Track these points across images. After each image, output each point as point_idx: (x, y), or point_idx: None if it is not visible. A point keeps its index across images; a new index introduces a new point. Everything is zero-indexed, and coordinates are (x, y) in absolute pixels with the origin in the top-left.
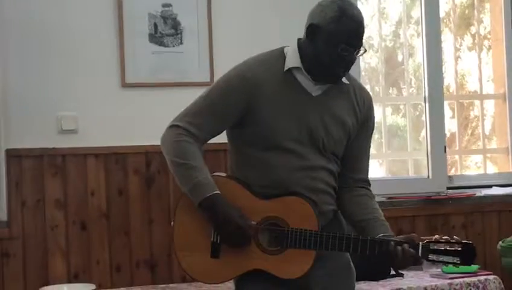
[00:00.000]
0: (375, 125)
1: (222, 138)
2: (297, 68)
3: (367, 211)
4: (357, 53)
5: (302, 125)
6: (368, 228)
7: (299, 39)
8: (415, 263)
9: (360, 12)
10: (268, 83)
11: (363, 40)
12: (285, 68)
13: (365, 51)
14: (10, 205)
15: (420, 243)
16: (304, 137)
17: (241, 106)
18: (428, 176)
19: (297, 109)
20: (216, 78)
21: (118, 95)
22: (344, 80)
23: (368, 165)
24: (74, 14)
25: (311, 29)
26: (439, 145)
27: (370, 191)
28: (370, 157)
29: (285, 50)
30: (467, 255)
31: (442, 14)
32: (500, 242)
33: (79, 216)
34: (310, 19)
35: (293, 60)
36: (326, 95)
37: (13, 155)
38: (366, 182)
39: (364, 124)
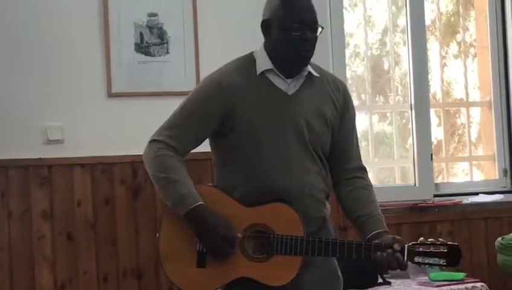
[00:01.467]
0: (362, 133)
1: (206, 147)
2: (269, 70)
3: (362, 205)
4: (315, 32)
5: (285, 126)
6: (363, 225)
7: (264, 42)
8: (401, 266)
9: None
10: (244, 89)
11: (316, 18)
12: (258, 72)
13: (322, 28)
14: None
15: (406, 245)
16: (289, 137)
17: (218, 114)
18: (415, 184)
19: (276, 110)
20: None
21: (104, 105)
22: (315, 73)
23: (358, 151)
24: (59, 24)
25: (264, 26)
26: (426, 152)
27: (366, 178)
28: None
29: (255, 54)
30: (452, 257)
31: (427, 22)
32: (499, 239)
33: (65, 227)
34: (262, 18)
35: (263, 62)
36: (301, 91)
37: None
38: (361, 169)
39: (345, 112)
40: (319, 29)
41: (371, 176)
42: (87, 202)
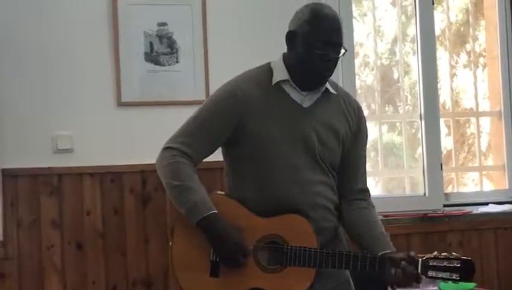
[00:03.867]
0: (371, 143)
1: (217, 156)
2: (285, 81)
3: (367, 225)
4: (337, 53)
5: (296, 138)
6: (369, 244)
7: (284, 53)
8: (416, 280)
9: (333, 12)
10: (258, 99)
11: (342, 40)
12: (274, 82)
13: (346, 50)
14: (5, 225)
15: (420, 259)
16: (299, 149)
17: (232, 123)
18: (425, 194)
19: (290, 122)
20: None
21: (113, 114)
22: (332, 90)
23: (365, 174)
24: (69, 33)
25: (289, 37)
26: (436, 162)
27: (369, 201)
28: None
29: (272, 64)
30: (466, 271)
31: (437, 31)
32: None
33: (75, 236)
34: (289, 28)
35: (280, 73)
36: (316, 105)
37: (8, 175)
38: (366, 192)
39: (358, 133)
40: (343, 51)
41: (380, 186)
42: (96, 211)
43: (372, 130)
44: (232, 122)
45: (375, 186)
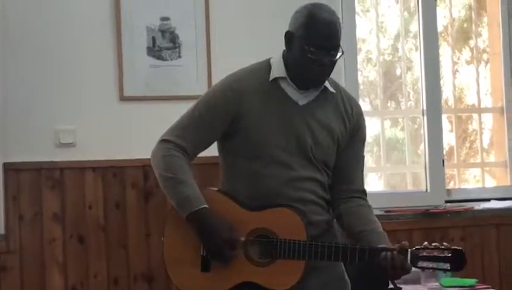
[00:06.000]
0: (374, 138)
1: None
2: (282, 78)
3: (364, 222)
4: (333, 57)
5: (290, 134)
6: (366, 239)
7: (284, 50)
8: (402, 268)
9: (331, 15)
10: (255, 94)
11: (339, 42)
12: (271, 78)
13: (342, 53)
14: (8, 219)
15: (409, 249)
16: (292, 146)
17: (227, 117)
18: (427, 190)
19: (284, 118)
20: None
21: (116, 109)
22: (331, 88)
23: (362, 175)
24: (72, 28)
25: (287, 37)
26: (438, 158)
27: (366, 201)
28: (369, 171)
29: (271, 61)
30: (456, 261)
31: (440, 28)
32: None
33: (76, 229)
34: (289, 27)
35: (278, 69)
36: (312, 103)
37: (11, 169)
38: (362, 193)
39: (355, 133)
40: (339, 54)
41: (382, 181)
42: (98, 205)
43: (375, 125)
44: (227, 117)
45: (377, 182)
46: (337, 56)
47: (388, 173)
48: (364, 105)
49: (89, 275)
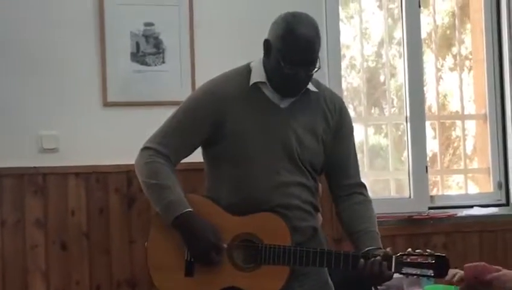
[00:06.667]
0: (357, 145)
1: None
2: (262, 82)
3: (359, 221)
4: (310, 70)
5: (274, 138)
6: (358, 240)
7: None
8: (384, 275)
9: (310, 29)
10: (235, 98)
11: (316, 56)
12: (251, 83)
13: (319, 68)
14: None
15: (393, 256)
16: (277, 150)
17: (209, 122)
18: (410, 196)
19: (267, 122)
20: None
21: (99, 114)
22: (313, 88)
23: (357, 168)
24: (56, 32)
25: (265, 45)
26: (421, 165)
27: (365, 195)
28: None
29: (251, 65)
30: (440, 268)
31: (423, 34)
32: None
33: (59, 236)
34: (268, 34)
35: (258, 74)
36: (294, 105)
37: None
38: (361, 186)
39: (340, 130)
40: (315, 69)
41: None
42: (81, 211)
43: (358, 132)
44: (209, 123)
45: None
46: (315, 70)
47: (371, 180)
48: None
49: (71, 282)
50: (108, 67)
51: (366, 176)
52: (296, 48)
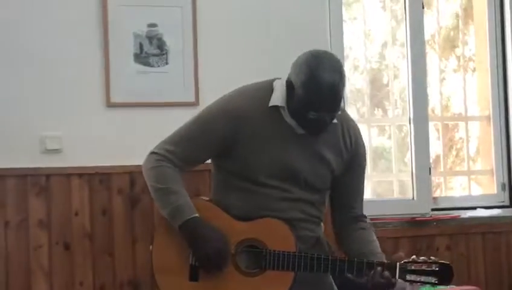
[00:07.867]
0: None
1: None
2: (282, 106)
3: (363, 245)
4: (334, 115)
5: (284, 163)
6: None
7: (288, 78)
8: (387, 283)
9: (334, 74)
10: (252, 117)
11: (338, 107)
12: (270, 104)
13: (343, 109)
14: None
15: (398, 263)
16: (285, 175)
17: (221, 139)
18: (413, 198)
19: (280, 146)
20: (201, 98)
21: (102, 115)
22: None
23: (361, 201)
24: (59, 33)
25: (288, 86)
26: (424, 166)
27: (367, 222)
28: None
29: (274, 84)
30: (444, 276)
31: (427, 36)
32: None
33: (62, 236)
34: (290, 72)
35: (279, 97)
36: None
37: None
38: (363, 216)
39: (353, 162)
40: (340, 112)
41: (369, 189)
42: (84, 212)
43: (362, 133)
44: (221, 137)
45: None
46: (339, 112)
47: (375, 181)
48: (351, 113)
49: (74, 283)
50: (112, 68)
51: (369, 178)
52: (320, 97)
